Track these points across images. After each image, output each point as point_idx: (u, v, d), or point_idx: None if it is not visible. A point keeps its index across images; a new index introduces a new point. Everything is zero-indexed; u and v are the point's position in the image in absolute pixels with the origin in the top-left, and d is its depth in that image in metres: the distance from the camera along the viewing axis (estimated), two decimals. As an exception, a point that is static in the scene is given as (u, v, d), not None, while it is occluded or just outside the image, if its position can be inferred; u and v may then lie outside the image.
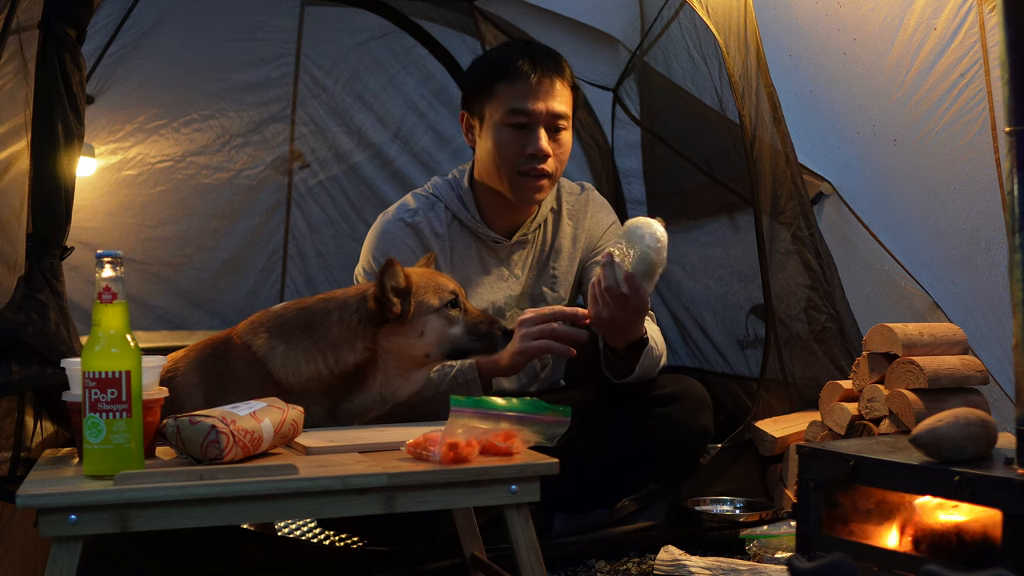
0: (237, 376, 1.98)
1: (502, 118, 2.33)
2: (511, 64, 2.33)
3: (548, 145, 2.33)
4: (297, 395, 1.94)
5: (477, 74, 2.43)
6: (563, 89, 2.36)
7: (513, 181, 2.35)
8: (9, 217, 1.95)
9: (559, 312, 2.19)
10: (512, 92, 2.32)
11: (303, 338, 1.97)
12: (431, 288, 1.99)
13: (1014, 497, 1.43)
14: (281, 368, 1.97)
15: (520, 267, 2.48)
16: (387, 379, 2.00)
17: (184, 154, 4.14)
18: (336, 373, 1.98)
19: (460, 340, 2.00)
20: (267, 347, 1.98)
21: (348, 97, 4.29)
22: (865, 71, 2.59)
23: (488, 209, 2.44)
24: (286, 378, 1.97)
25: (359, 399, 2.01)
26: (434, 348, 1.98)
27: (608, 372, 2.32)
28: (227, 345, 2.02)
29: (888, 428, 2.15)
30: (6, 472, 1.83)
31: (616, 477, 2.35)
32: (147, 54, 3.86)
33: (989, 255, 2.35)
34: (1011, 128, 1.48)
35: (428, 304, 1.97)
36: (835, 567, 1.38)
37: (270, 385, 1.95)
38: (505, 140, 2.34)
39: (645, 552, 2.21)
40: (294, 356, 1.97)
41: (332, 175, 4.39)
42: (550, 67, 2.35)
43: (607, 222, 2.56)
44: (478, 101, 2.39)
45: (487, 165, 2.39)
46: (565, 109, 2.36)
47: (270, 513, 1.59)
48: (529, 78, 2.31)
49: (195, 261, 4.29)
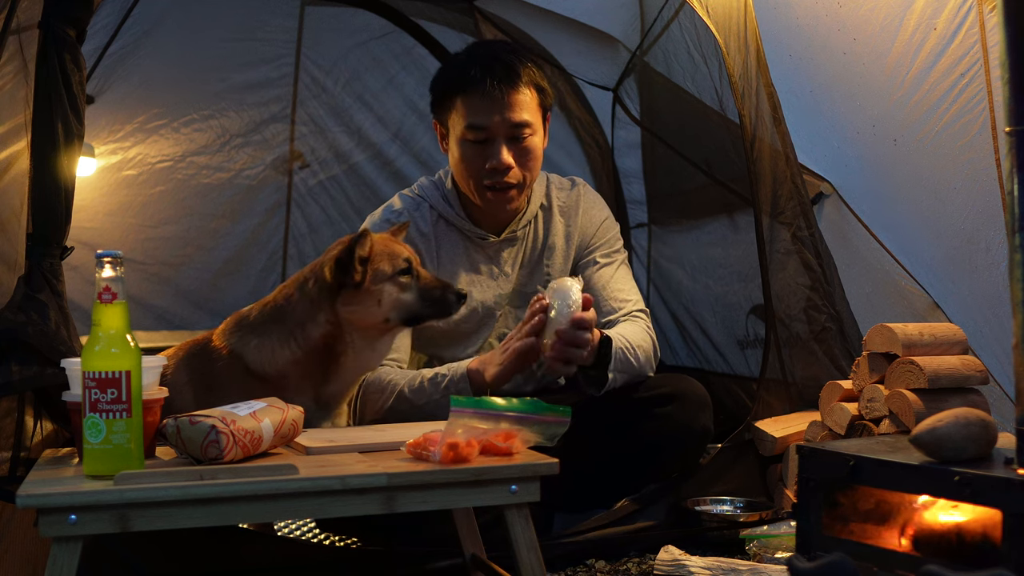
0: (221, 375, 2.02)
1: (462, 133, 2.32)
2: (466, 76, 2.30)
3: (510, 157, 2.30)
4: (279, 385, 1.99)
5: (439, 86, 2.40)
6: (522, 96, 2.31)
7: (481, 195, 2.35)
8: (9, 217, 1.95)
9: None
10: (469, 106, 2.30)
11: (272, 327, 2.04)
12: (386, 256, 2.04)
13: (1014, 497, 1.43)
14: (257, 359, 2.02)
15: (510, 265, 2.47)
16: (356, 352, 2.05)
17: (184, 154, 4.14)
18: (307, 350, 2.02)
19: (414, 306, 2.06)
20: (241, 343, 2.04)
21: (348, 97, 4.29)
22: (865, 71, 2.59)
23: (473, 209, 2.44)
24: (263, 368, 2.01)
25: (337, 378, 2.06)
26: (392, 313, 2.04)
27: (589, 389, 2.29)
28: (207, 347, 2.08)
29: (888, 428, 2.14)
30: (6, 472, 1.83)
31: (616, 477, 2.35)
32: (147, 54, 3.87)
33: (989, 255, 2.35)
34: (1011, 128, 1.48)
35: (382, 271, 2.03)
36: (835, 567, 1.38)
37: (251, 378, 2.00)
38: (468, 155, 2.33)
39: (645, 552, 2.21)
40: (267, 344, 2.02)
41: (332, 175, 4.39)
42: (504, 77, 2.29)
43: (600, 217, 2.54)
44: (442, 112, 2.38)
45: (457, 175, 2.39)
46: (527, 117, 2.31)
47: (270, 513, 1.59)
48: (482, 91, 2.27)
49: (195, 261, 4.29)
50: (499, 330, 2.47)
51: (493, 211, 2.39)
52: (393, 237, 2.15)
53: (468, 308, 2.42)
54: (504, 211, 2.39)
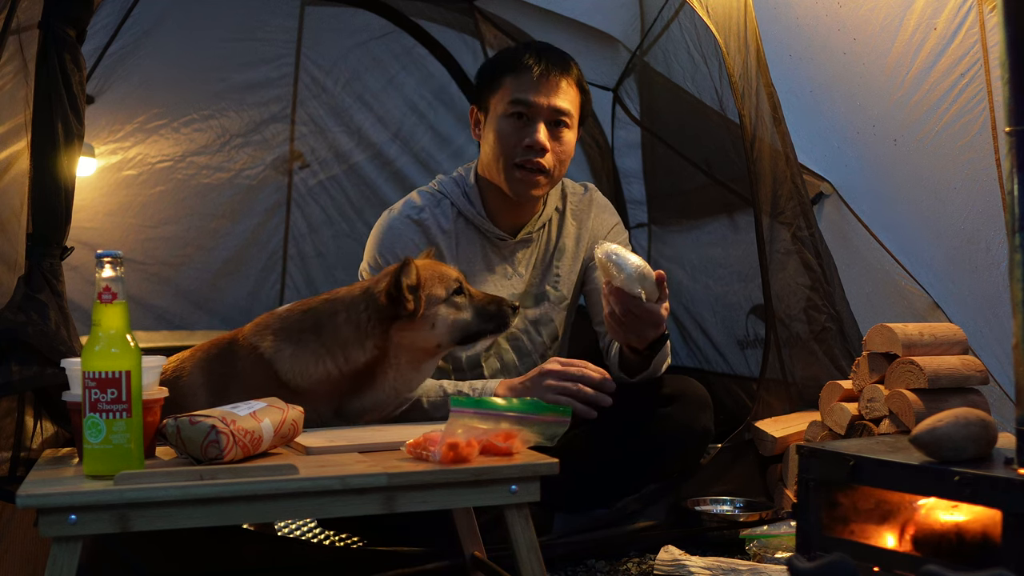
0: (243, 377, 1.98)
1: (505, 108, 2.35)
2: (519, 58, 2.36)
3: (547, 140, 2.33)
4: (304, 396, 1.93)
5: (488, 68, 2.46)
6: (568, 88, 2.37)
7: (509, 173, 2.36)
8: (9, 217, 1.95)
9: (586, 376, 2.16)
10: (516, 84, 2.34)
11: (311, 339, 1.97)
12: (437, 279, 2.01)
13: (1014, 497, 1.43)
14: (289, 370, 1.97)
15: (524, 265, 2.49)
16: (399, 373, 2.01)
17: (184, 154, 4.14)
18: (346, 372, 1.98)
19: (471, 325, 2.03)
20: (274, 349, 1.98)
21: (348, 97, 4.29)
22: (865, 71, 2.59)
23: (493, 207, 2.45)
24: (294, 380, 1.96)
25: (370, 395, 2.02)
26: (446, 337, 2.01)
27: (623, 372, 2.32)
28: (233, 347, 2.02)
29: (888, 428, 2.14)
30: (6, 472, 1.83)
31: (616, 477, 2.35)
32: (147, 54, 3.87)
33: (989, 255, 2.35)
34: (1011, 128, 1.48)
35: (436, 296, 1.99)
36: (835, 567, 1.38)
37: (277, 387, 1.94)
38: (505, 130, 2.35)
39: (645, 552, 2.21)
40: (302, 358, 1.97)
41: (332, 175, 4.39)
42: (556, 63, 2.36)
43: (610, 223, 2.57)
44: (486, 94, 2.41)
45: (488, 158, 2.40)
46: (568, 107, 2.36)
47: (270, 513, 1.59)
48: (533, 71, 2.33)
49: (195, 261, 4.29)
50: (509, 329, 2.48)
51: (518, 193, 2.37)
52: (437, 261, 2.13)
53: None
54: (528, 196, 2.39)
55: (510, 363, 2.47)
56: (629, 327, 2.08)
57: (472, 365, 2.45)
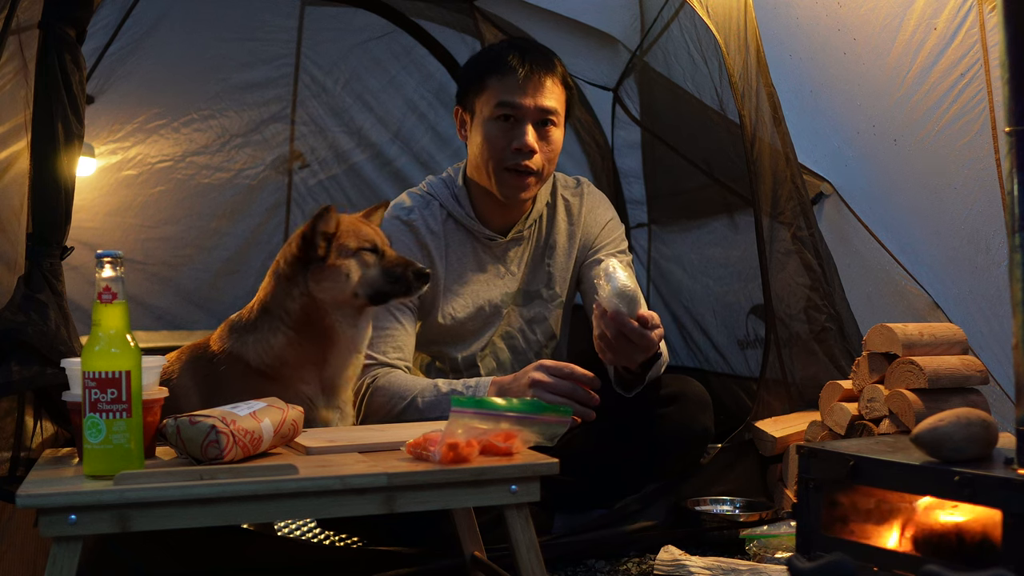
0: (224, 377, 2.03)
1: (491, 111, 2.34)
2: (503, 58, 2.34)
3: (535, 141, 2.32)
4: (282, 376, 2.01)
5: (471, 69, 2.44)
6: (554, 86, 2.36)
7: (499, 177, 2.35)
8: (9, 217, 1.95)
9: (576, 373, 2.13)
10: (501, 86, 2.33)
11: (262, 319, 2.07)
12: (352, 234, 2.08)
13: (1014, 497, 1.43)
14: (255, 353, 2.03)
15: (516, 264, 2.48)
16: (343, 328, 2.06)
17: (184, 154, 4.14)
18: (296, 329, 2.04)
19: (377, 282, 2.07)
20: (239, 343, 2.06)
21: (348, 97, 4.30)
22: (865, 71, 2.59)
23: (482, 207, 2.44)
24: (263, 359, 2.03)
25: (335, 357, 2.07)
26: (358, 288, 2.06)
27: (620, 389, 2.28)
28: (207, 351, 2.09)
29: (888, 428, 2.14)
30: (6, 472, 1.83)
31: (616, 477, 2.35)
32: (147, 54, 3.87)
33: (989, 255, 2.35)
34: (1011, 128, 1.48)
35: (347, 247, 2.06)
36: (835, 567, 1.38)
37: (253, 375, 2.02)
38: (493, 133, 2.34)
39: (645, 552, 2.21)
40: (262, 336, 2.05)
41: (332, 175, 4.39)
42: (540, 63, 2.35)
43: (605, 217, 2.55)
44: (470, 95, 2.40)
45: (477, 160, 2.40)
46: (555, 105, 2.35)
47: (270, 513, 1.59)
48: (518, 72, 2.31)
49: (195, 261, 4.29)
50: (503, 328, 2.48)
51: (508, 196, 2.37)
52: (364, 220, 2.17)
53: (475, 306, 2.43)
54: (518, 199, 2.38)
55: (506, 362, 2.47)
56: (620, 351, 2.07)
57: (468, 365, 2.45)
